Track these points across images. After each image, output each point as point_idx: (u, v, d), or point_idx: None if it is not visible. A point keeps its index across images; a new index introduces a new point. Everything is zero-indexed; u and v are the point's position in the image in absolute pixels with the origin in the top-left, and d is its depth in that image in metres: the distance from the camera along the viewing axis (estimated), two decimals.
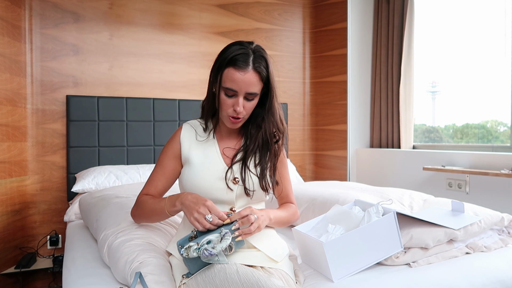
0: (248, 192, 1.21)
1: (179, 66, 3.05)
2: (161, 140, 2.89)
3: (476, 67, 2.76)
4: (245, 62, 1.13)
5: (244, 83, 1.13)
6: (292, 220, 1.34)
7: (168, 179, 1.28)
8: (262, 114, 1.24)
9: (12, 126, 2.46)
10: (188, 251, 0.98)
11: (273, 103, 1.24)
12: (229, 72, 1.13)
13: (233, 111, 1.17)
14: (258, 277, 0.96)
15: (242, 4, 3.28)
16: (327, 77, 3.47)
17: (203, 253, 0.96)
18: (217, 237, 1.02)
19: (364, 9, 3.31)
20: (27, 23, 2.59)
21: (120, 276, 1.21)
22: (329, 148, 3.47)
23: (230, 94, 1.15)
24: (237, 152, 1.25)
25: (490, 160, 2.37)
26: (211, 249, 0.96)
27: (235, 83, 1.13)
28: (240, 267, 1.00)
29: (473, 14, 2.78)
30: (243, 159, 1.23)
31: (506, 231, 1.57)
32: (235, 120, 1.19)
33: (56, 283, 2.63)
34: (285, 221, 1.30)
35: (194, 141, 1.26)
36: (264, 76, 1.17)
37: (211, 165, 1.22)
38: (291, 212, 1.34)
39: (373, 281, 1.20)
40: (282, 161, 1.34)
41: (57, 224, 2.69)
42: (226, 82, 1.14)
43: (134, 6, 2.91)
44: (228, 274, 0.97)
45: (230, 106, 1.17)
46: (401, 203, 1.74)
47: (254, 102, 1.19)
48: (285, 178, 1.35)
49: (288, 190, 1.38)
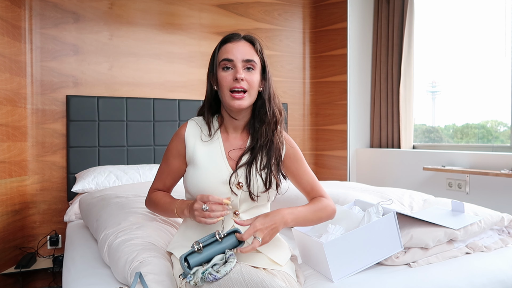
0: (252, 197, 1.19)
1: (179, 66, 3.05)
2: (161, 140, 2.89)
3: (476, 67, 2.76)
4: (235, 35, 1.20)
5: (238, 51, 1.16)
6: (322, 215, 1.24)
7: (174, 177, 1.30)
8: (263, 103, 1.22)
9: (12, 126, 2.46)
10: (197, 280, 0.98)
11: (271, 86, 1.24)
12: (223, 47, 1.19)
13: (233, 82, 1.14)
14: (263, 277, 0.96)
15: (242, 4, 3.28)
16: (327, 77, 3.47)
17: (208, 277, 0.97)
18: (221, 259, 1.02)
19: (364, 9, 3.31)
20: (27, 23, 2.59)
21: (120, 275, 1.21)
22: (329, 148, 3.47)
23: (227, 65, 1.16)
24: (243, 154, 1.22)
25: (490, 160, 2.37)
26: (215, 273, 0.96)
27: (229, 52, 1.16)
28: (244, 267, 1.00)
29: (473, 14, 2.78)
30: (248, 163, 1.20)
31: (506, 231, 1.57)
32: (238, 94, 1.14)
33: (56, 283, 2.63)
34: (312, 217, 1.22)
35: (199, 140, 1.23)
36: (258, 49, 1.20)
37: (216, 168, 1.20)
38: (318, 207, 1.23)
39: (373, 281, 1.20)
40: (296, 158, 1.28)
41: (57, 224, 2.69)
42: (221, 56, 1.17)
43: (134, 6, 2.91)
44: (232, 274, 0.97)
45: (229, 80, 1.15)
46: (401, 203, 1.74)
47: (256, 75, 1.18)
48: (305, 173, 1.28)
49: (313, 183, 1.29)
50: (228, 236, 1.06)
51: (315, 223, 1.25)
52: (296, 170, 1.28)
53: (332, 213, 1.27)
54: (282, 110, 1.26)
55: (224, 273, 0.97)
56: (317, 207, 1.23)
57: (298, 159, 1.29)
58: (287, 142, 1.28)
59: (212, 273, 0.97)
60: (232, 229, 1.08)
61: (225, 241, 1.06)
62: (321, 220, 1.25)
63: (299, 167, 1.28)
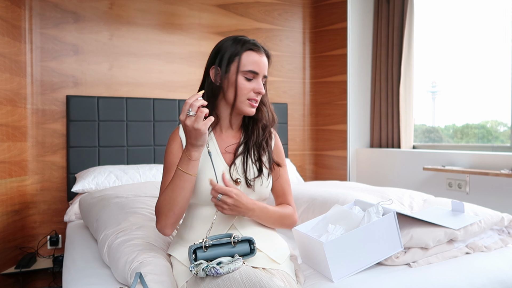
0: (249, 183, 1.21)
1: (179, 66, 3.05)
2: (161, 140, 2.89)
3: (476, 67, 2.76)
4: (260, 47, 1.22)
5: (264, 65, 1.21)
6: (285, 222, 1.29)
7: None
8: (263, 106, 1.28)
9: (12, 126, 2.46)
10: (198, 270, 0.99)
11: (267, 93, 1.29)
12: (249, 55, 1.19)
13: (254, 94, 1.20)
14: (260, 277, 0.96)
15: (242, 4, 3.28)
16: (327, 77, 3.47)
17: (210, 270, 0.98)
18: (229, 260, 1.04)
19: (364, 9, 3.31)
20: (27, 23, 2.59)
21: (120, 276, 1.21)
22: (329, 148, 3.47)
23: (250, 77, 1.19)
24: (237, 149, 1.25)
25: (490, 160, 2.37)
26: (218, 268, 0.98)
27: (257, 65, 1.19)
28: (242, 267, 1.00)
29: (473, 14, 2.78)
30: (243, 153, 1.24)
31: (506, 231, 1.57)
32: (255, 103, 1.21)
33: (56, 283, 2.63)
34: (275, 217, 1.25)
35: None
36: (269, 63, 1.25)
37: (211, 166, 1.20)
38: (285, 214, 1.28)
39: (373, 281, 1.20)
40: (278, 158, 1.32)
41: (57, 224, 2.69)
42: (247, 65, 1.18)
43: (134, 6, 2.91)
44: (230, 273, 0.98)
45: (250, 90, 1.19)
46: (401, 203, 1.74)
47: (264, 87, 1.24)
48: (281, 176, 1.33)
49: (285, 190, 1.34)
50: (241, 242, 1.09)
51: (275, 226, 1.29)
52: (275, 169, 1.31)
53: (293, 223, 1.32)
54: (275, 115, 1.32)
55: (227, 270, 0.97)
56: (284, 213, 1.28)
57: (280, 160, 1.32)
58: (276, 141, 1.34)
59: (215, 267, 0.98)
60: (247, 238, 1.10)
61: (237, 247, 1.09)
62: (281, 226, 1.30)
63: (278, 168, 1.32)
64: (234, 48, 1.19)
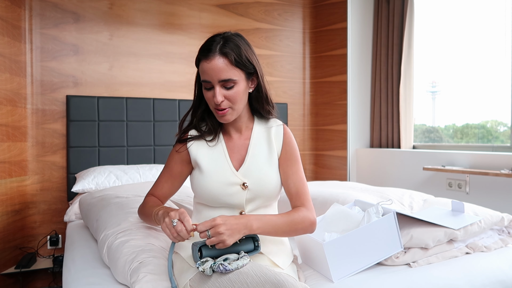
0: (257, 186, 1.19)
1: (179, 66, 3.05)
2: (161, 140, 2.89)
3: (476, 67, 2.76)
4: (209, 50, 1.11)
5: (213, 71, 1.10)
6: (298, 227, 1.15)
7: (174, 182, 1.28)
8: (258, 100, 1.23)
9: (12, 126, 2.46)
10: (205, 268, 0.99)
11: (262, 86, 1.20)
12: (202, 64, 1.13)
13: (214, 103, 1.13)
14: (275, 272, 0.97)
15: (242, 4, 3.28)
16: (327, 77, 3.47)
17: (218, 267, 0.98)
18: (235, 257, 1.04)
19: (364, 9, 3.31)
20: (27, 23, 2.59)
21: (119, 276, 1.21)
22: (329, 148, 3.47)
23: (208, 86, 1.13)
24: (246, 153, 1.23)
25: (490, 160, 2.37)
26: (227, 264, 0.97)
27: (206, 73, 1.11)
28: (250, 263, 1.01)
29: (473, 14, 2.78)
30: (250, 159, 1.21)
31: (506, 231, 1.57)
32: (222, 112, 1.14)
33: (56, 283, 2.63)
34: (285, 229, 1.13)
35: (202, 144, 1.24)
36: (234, 59, 1.10)
37: (220, 170, 1.19)
38: (294, 219, 1.14)
39: (373, 281, 1.20)
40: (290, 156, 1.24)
41: (57, 224, 2.69)
42: (202, 75, 1.14)
43: (134, 6, 2.91)
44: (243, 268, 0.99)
45: (211, 99, 1.14)
46: (401, 203, 1.74)
47: (237, 89, 1.13)
48: (295, 174, 1.22)
49: (300, 188, 1.21)
50: (246, 239, 1.09)
51: (289, 234, 1.16)
52: (286, 168, 1.23)
53: (310, 226, 1.17)
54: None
55: (235, 267, 0.98)
56: (293, 218, 1.14)
57: (291, 158, 1.24)
58: (286, 137, 1.26)
59: (223, 263, 0.98)
60: (251, 235, 1.09)
61: (242, 243, 1.08)
62: (296, 233, 1.17)
63: (291, 165, 1.23)
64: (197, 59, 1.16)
